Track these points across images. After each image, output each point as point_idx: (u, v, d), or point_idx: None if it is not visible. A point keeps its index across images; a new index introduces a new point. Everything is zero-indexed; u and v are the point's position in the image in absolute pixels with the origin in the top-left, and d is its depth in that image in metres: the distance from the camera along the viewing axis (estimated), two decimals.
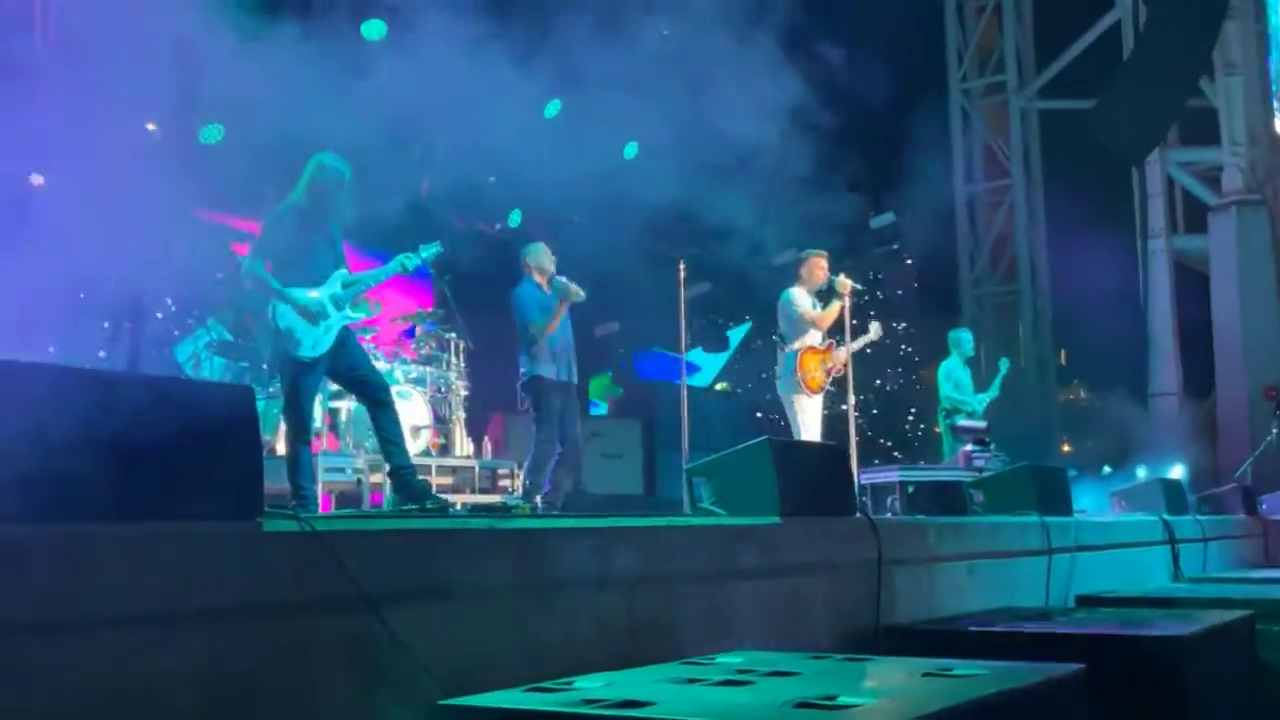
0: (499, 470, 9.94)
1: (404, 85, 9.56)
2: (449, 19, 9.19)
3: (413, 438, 9.11)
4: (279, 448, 7.96)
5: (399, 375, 9.39)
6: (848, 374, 8.46)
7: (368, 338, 9.20)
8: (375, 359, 9.24)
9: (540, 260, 7.82)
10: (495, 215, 12.98)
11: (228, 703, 2.36)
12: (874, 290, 17.39)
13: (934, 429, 12.13)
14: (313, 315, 6.00)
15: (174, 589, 2.29)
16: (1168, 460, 12.43)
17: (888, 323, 14.44)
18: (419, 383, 9.61)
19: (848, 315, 8.49)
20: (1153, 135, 15.67)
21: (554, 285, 7.80)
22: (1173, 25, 14.70)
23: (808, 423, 8.30)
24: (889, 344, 17.81)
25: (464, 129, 10.43)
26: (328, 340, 6.04)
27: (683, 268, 8.24)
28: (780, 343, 8.63)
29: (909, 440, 17.60)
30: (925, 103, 16.48)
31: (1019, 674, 2.85)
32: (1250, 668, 4.43)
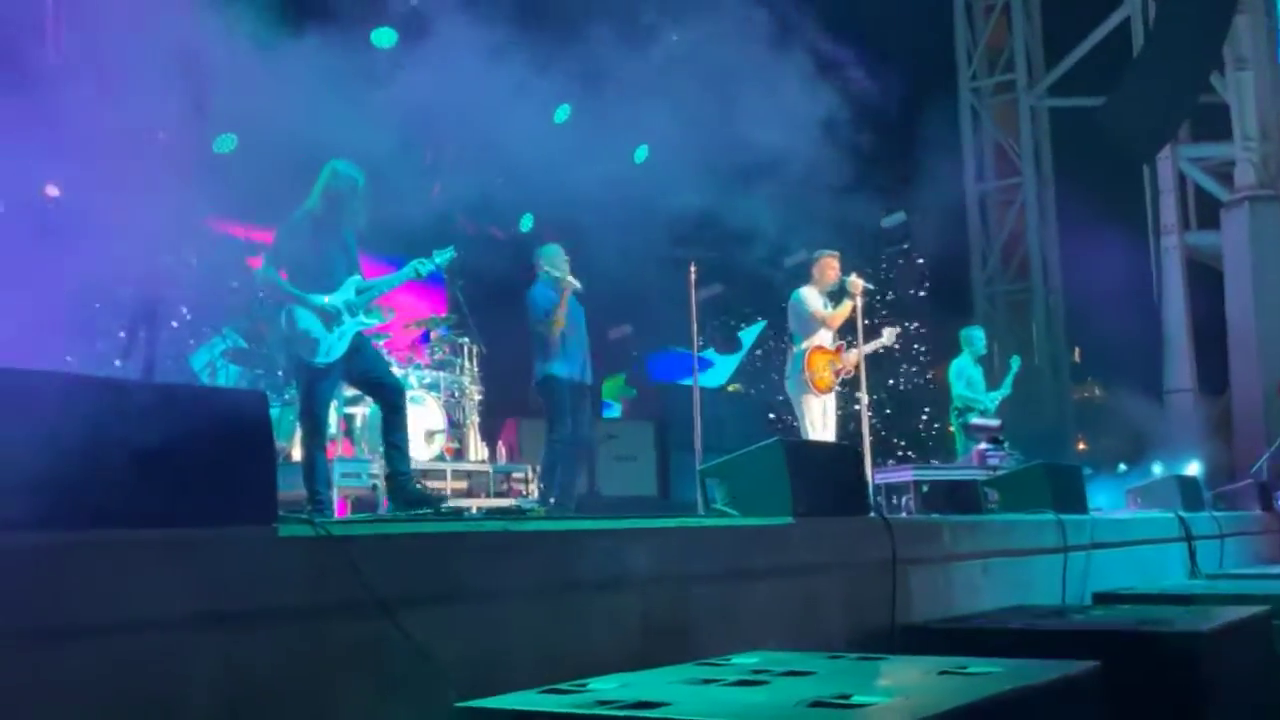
0: (513, 474, 9.95)
1: (415, 92, 9.60)
2: (458, 26, 9.23)
3: (427, 443, 9.13)
4: (295, 454, 7.99)
5: (413, 381, 9.41)
6: (860, 374, 8.45)
7: (381, 343, 9.22)
8: (389, 364, 9.28)
9: (555, 262, 7.83)
10: (507, 220, 13.01)
11: (244, 707, 2.37)
12: (886, 290, 17.36)
13: (947, 428, 12.10)
14: (328, 320, 6.03)
15: (190, 594, 2.30)
16: (1183, 457, 12.37)
17: (900, 321, 14.43)
18: (433, 388, 9.62)
19: (859, 315, 8.49)
20: (1164, 131, 15.61)
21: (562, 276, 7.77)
22: (1183, 21, 14.65)
23: (816, 422, 8.30)
24: (901, 342, 17.78)
25: (474, 134, 10.46)
26: (341, 346, 6.08)
27: (694, 270, 8.26)
28: (790, 342, 8.65)
29: (922, 439, 17.56)
30: (935, 102, 16.44)
31: (1035, 671, 2.84)
32: (1268, 663, 4.41)
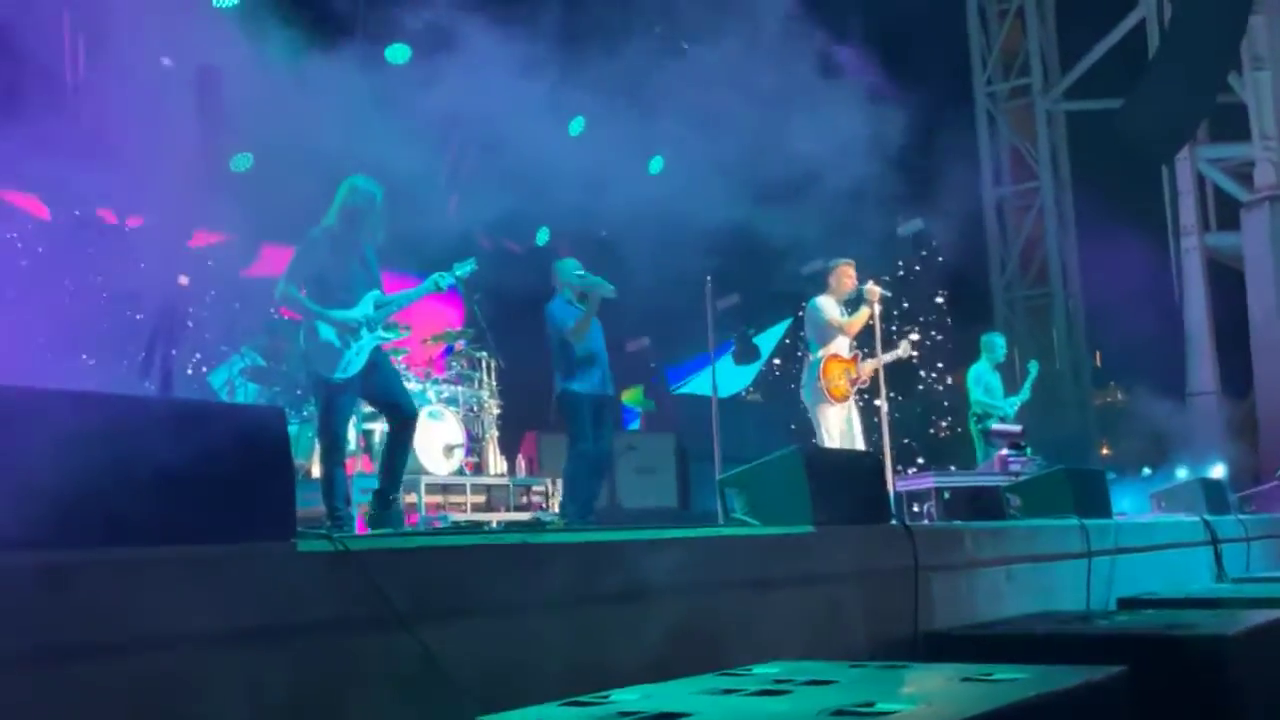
0: (533, 487, 9.97)
1: (429, 107, 9.64)
2: (470, 42, 9.27)
3: (446, 457, 9.15)
4: (314, 470, 8.01)
5: (431, 395, 9.43)
6: (880, 381, 8.42)
7: (399, 359, 9.24)
8: (406, 380, 9.29)
9: (572, 278, 7.83)
10: (523, 233, 13.04)
11: None
12: (904, 296, 17.32)
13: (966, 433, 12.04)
14: (346, 335, 6.04)
15: (210, 611, 2.31)
16: (1207, 460, 12.27)
17: (918, 327, 14.37)
18: (451, 402, 9.64)
19: (878, 322, 8.46)
20: (1182, 133, 15.51)
21: (588, 282, 7.73)
22: (1199, 21, 14.55)
23: (833, 431, 8.28)
24: (919, 354, 17.73)
25: (489, 149, 10.50)
26: (359, 362, 6.09)
27: (709, 281, 8.26)
28: (807, 351, 8.64)
29: (942, 446, 17.49)
30: (951, 108, 16.41)
31: (1060, 677, 2.81)
32: None
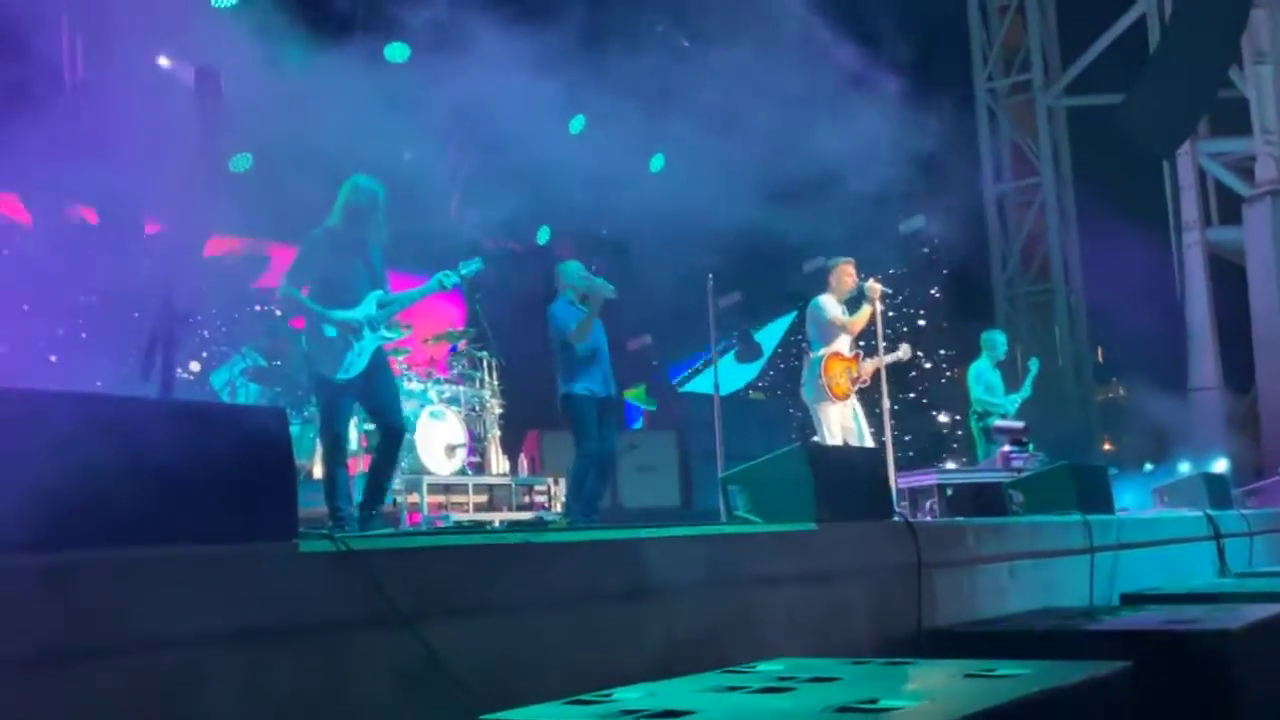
0: (535, 486, 9.97)
1: (428, 106, 9.64)
2: (468, 39, 9.27)
3: (448, 457, 9.14)
4: (316, 471, 8.01)
5: (433, 395, 9.42)
6: (882, 379, 8.42)
7: (400, 359, 9.24)
8: (408, 380, 9.29)
9: (575, 280, 7.82)
10: (524, 233, 13.04)
11: None
12: (905, 293, 17.31)
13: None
14: (349, 336, 6.03)
15: (212, 611, 2.31)
16: (1210, 455, 12.27)
17: (919, 326, 14.36)
18: (453, 402, 9.64)
19: (879, 320, 8.46)
20: (1183, 128, 15.48)
21: (590, 284, 7.73)
22: (1199, 15, 14.53)
23: (834, 429, 8.28)
24: (925, 341, 17.73)
25: (490, 148, 10.51)
26: (361, 363, 6.07)
27: (711, 279, 8.25)
28: (808, 349, 8.63)
29: (944, 443, 17.49)
30: (951, 104, 16.39)
31: (1063, 672, 2.81)
32: None
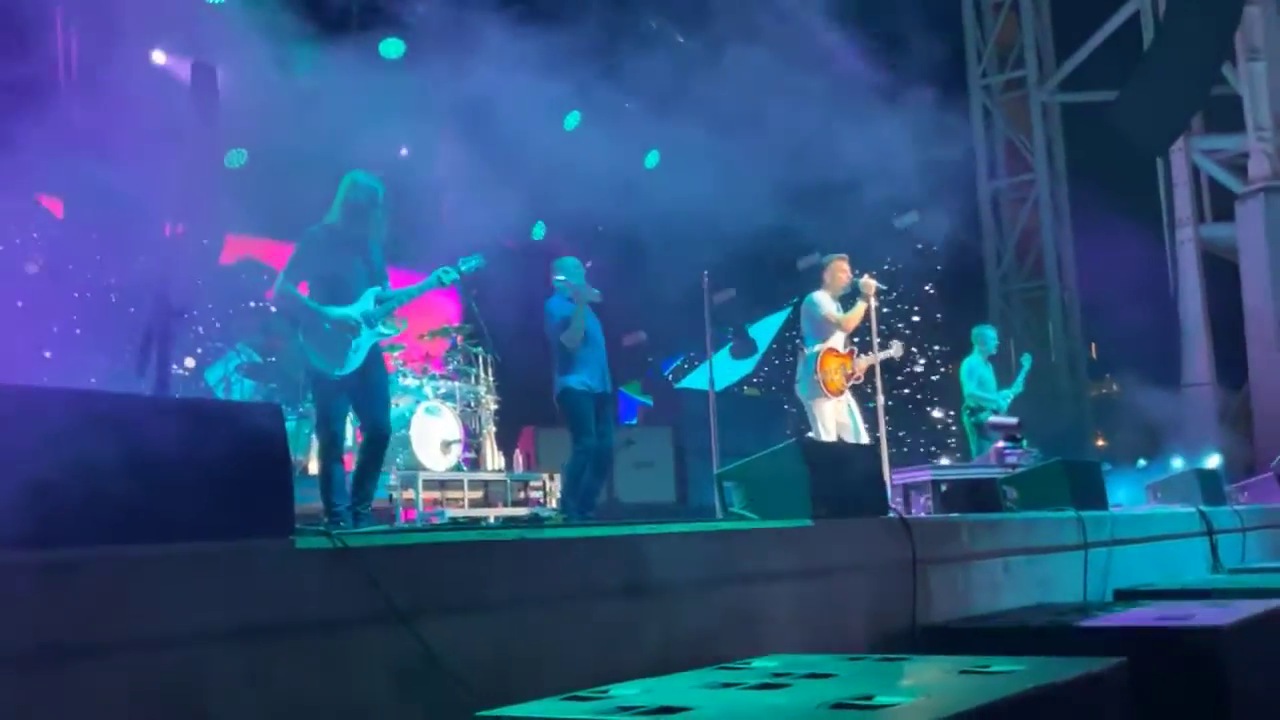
0: (530, 482, 9.96)
1: (424, 101, 9.63)
2: (465, 34, 9.26)
3: (443, 453, 9.14)
4: (311, 467, 8.01)
5: (428, 391, 9.42)
6: (876, 375, 8.44)
7: (396, 354, 9.23)
8: (404, 375, 9.28)
9: (569, 276, 7.81)
10: (519, 229, 13.02)
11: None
12: (899, 289, 17.32)
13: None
14: (345, 332, 6.02)
15: (208, 608, 2.31)
16: (1203, 451, 12.31)
17: (912, 323, 14.36)
18: (448, 398, 9.63)
19: (874, 316, 8.47)
20: (1176, 124, 15.50)
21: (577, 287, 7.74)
22: (1193, 12, 14.55)
23: (829, 425, 8.29)
24: (919, 337, 17.76)
25: (484, 143, 10.49)
26: (358, 359, 6.06)
27: (706, 276, 8.26)
28: (802, 345, 8.65)
29: (938, 439, 17.52)
30: (945, 101, 16.40)
31: (1058, 669, 2.82)
32: None
